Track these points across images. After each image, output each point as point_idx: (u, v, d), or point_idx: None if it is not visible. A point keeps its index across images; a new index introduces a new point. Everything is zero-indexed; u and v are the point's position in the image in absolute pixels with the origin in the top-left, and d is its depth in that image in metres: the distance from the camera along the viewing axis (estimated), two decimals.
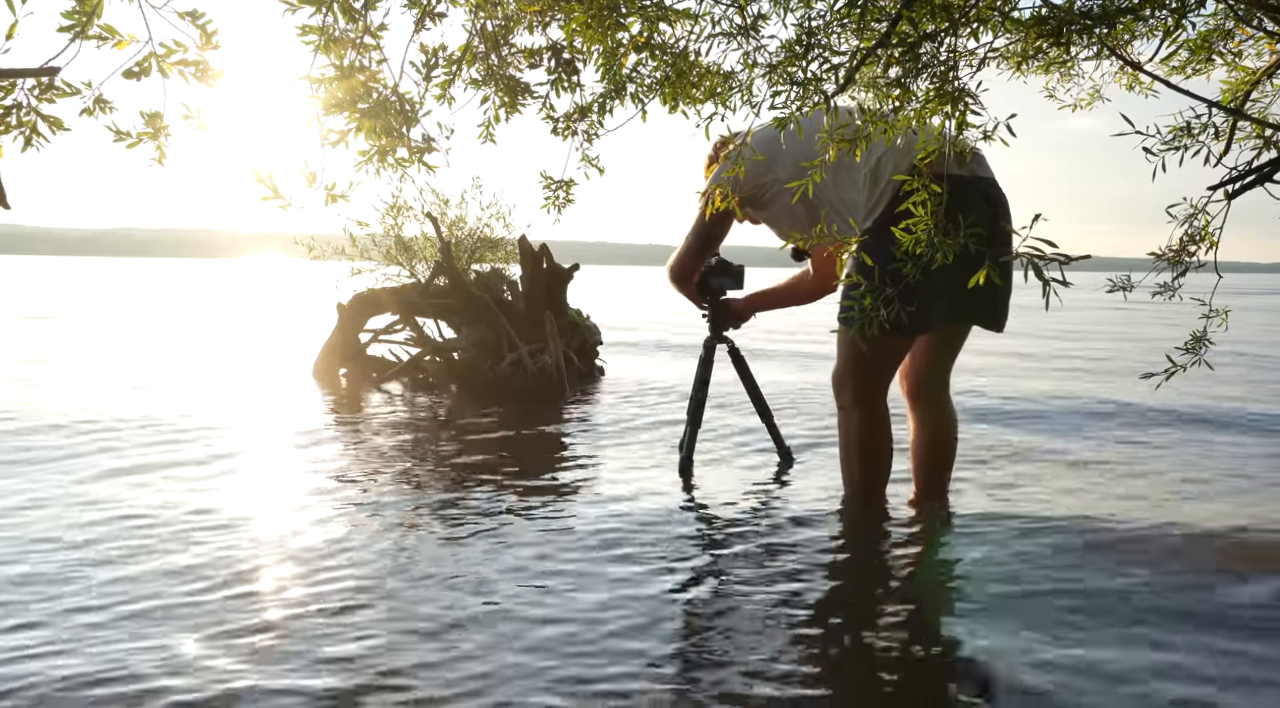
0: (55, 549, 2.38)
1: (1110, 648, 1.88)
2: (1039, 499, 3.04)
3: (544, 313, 5.74)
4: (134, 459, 3.44)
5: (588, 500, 2.99)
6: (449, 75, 1.76)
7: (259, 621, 1.95)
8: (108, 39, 1.38)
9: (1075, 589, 2.21)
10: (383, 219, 6.27)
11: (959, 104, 1.49)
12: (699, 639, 1.92)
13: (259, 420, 4.39)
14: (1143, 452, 3.84)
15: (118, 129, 1.48)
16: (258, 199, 1.48)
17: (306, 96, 1.57)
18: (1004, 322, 2.63)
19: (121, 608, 2.01)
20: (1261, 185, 1.74)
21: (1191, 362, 1.97)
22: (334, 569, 2.27)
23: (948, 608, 2.15)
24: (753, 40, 1.71)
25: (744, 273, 3.38)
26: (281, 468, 3.42)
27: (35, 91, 1.43)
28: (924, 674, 1.80)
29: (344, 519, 2.71)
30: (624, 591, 2.17)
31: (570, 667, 1.77)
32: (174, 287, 24.63)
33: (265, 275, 39.18)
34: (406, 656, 1.80)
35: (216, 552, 2.39)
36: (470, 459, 3.61)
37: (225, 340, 8.82)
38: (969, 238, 1.65)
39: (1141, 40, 1.85)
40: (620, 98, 1.86)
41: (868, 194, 2.50)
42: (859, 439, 2.70)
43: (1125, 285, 1.87)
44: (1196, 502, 3.03)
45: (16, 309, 13.02)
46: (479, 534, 2.60)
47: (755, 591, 2.20)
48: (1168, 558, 2.45)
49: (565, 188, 1.93)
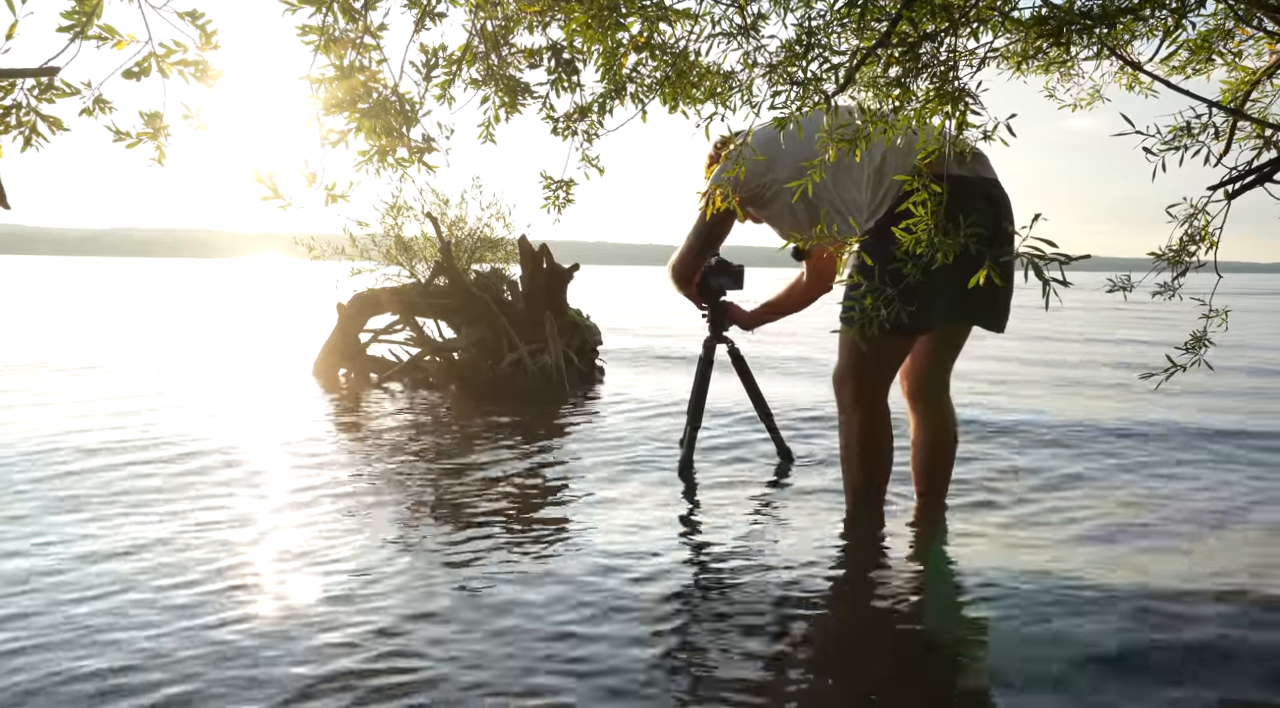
0: (53, 546, 2.39)
1: (1110, 646, 1.88)
2: (1035, 498, 3.04)
3: (544, 313, 5.74)
4: (134, 456, 3.44)
5: (587, 500, 2.99)
6: (449, 75, 1.76)
7: (257, 617, 1.96)
8: (107, 39, 1.38)
9: (1076, 585, 2.21)
10: (383, 219, 6.27)
11: (959, 104, 1.49)
12: (698, 637, 1.92)
13: (258, 420, 4.39)
14: (1126, 464, 3.85)
15: (117, 129, 1.48)
16: (258, 199, 1.48)
17: (306, 96, 1.57)
18: (1005, 322, 2.63)
19: (116, 598, 2.01)
20: (1261, 185, 1.74)
21: (1191, 362, 1.97)
22: (332, 570, 2.27)
23: (947, 607, 2.15)
24: (753, 40, 1.71)
25: (744, 273, 3.37)
26: (280, 468, 3.42)
27: (35, 91, 1.43)
28: (923, 674, 1.80)
29: (343, 519, 2.71)
30: (624, 589, 2.17)
31: (568, 661, 1.77)
32: (174, 287, 24.62)
33: (265, 275, 39.18)
34: (405, 650, 1.80)
35: (216, 551, 2.39)
36: (470, 460, 3.61)
37: (225, 340, 8.82)
38: (969, 238, 1.65)
39: (1141, 40, 1.86)
40: (620, 98, 1.86)
41: (870, 195, 2.50)
42: (860, 439, 2.70)
43: (1125, 285, 1.87)
44: (1183, 501, 3.03)
45: (15, 309, 13.03)
46: (479, 534, 2.60)
47: (755, 589, 2.20)
48: (1168, 550, 2.45)
49: (565, 188, 1.93)
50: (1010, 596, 2.17)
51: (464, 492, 3.08)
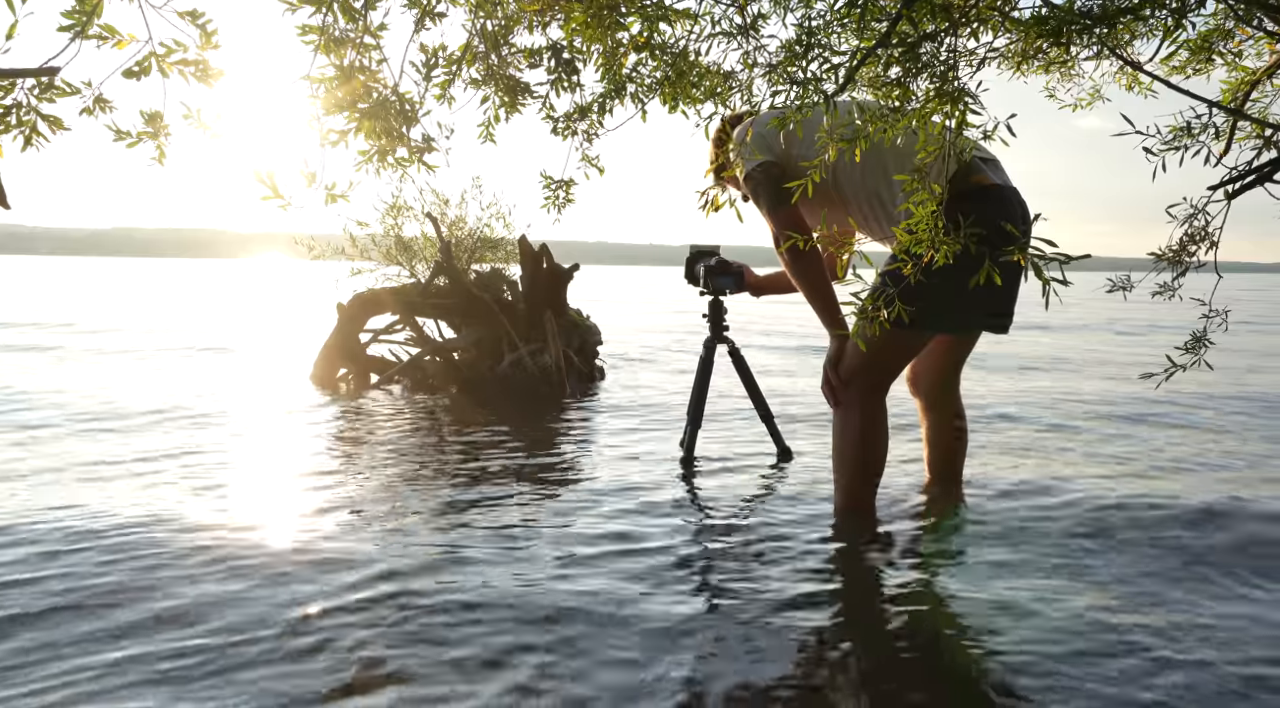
0: (56, 544, 2.39)
1: (1111, 646, 1.88)
2: (1045, 483, 3.04)
3: (544, 313, 5.74)
4: (131, 456, 3.44)
5: (587, 500, 2.99)
6: (449, 75, 1.76)
7: (257, 615, 1.96)
8: (108, 39, 1.38)
9: (1077, 572, 2.21)
10: (383, 219, 6.27)
11: (959, 104, 1.49)
12: (697, 634, 1.92)
13: (258, 420, 4.39)
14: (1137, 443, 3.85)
15: (118, 129, 1.48)
16: (258, 199, 1.48)
17: (306, 96, 1.57)
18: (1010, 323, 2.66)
19: (114, 616, 2.01)
20: (1261, 185, 1.74)
21: (1192, 362, 1.97)
22: (332, 567, 2.27)
23: (946, 607, 2.15)
24: (753, 40, 1.71)
25: (745, 273, 3.38)
26: (279, 468, 3.42)
27: (35, 91, 1.43)
28: (923, 672, 1.80)
29: (342, 518, 2.71)
30: (623, 587, 2.17)
31: (567, 660, 1.77)
32: (175, 287, 24.62)
33: (266, 275, 39.18)
34: (405, 649, 1.81)
35: (215, 549, 2.39)
36: (469, 459, 3.61)
37: (225, 340, 8.82)
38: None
39: (1141, 40, 1.86)
40: (620, 98, 1.86)
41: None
42: (860, 437, 2.69)
43: (1125, 285, 1.87)
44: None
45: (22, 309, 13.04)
46: (478, 534, 2.60)
47: (754, 587, 2.20)
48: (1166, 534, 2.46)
49: (565, 188, 1.94)
50: (1009, 590, 2.17)
51: (464, 492, 3.08)
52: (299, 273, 38.92)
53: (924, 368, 2.87)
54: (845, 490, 2.78)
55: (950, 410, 2.92)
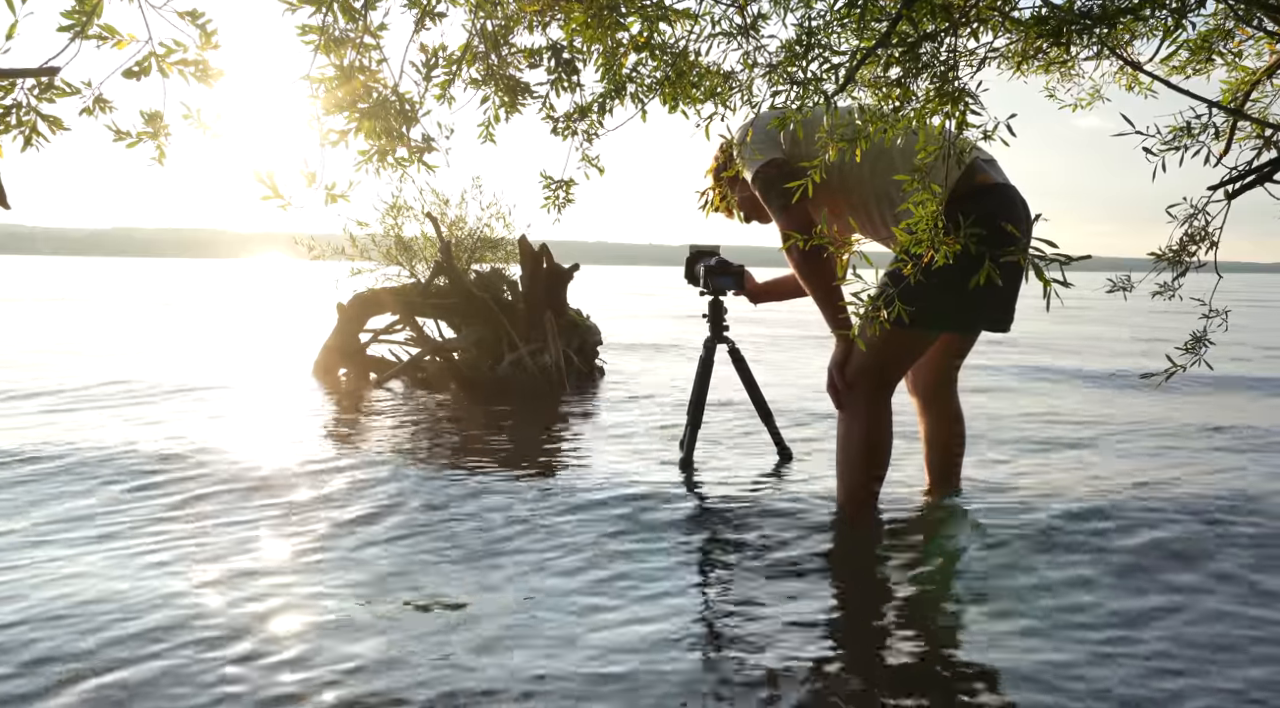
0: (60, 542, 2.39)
1: (1106, 644, 1.88)
2: (1039, 489, 3.04)
3: (544, 313, 5.74)
4: (132, 450, 3.44)
5: (588, 500, 2.99)
6: (449, 75, 1.76)
7: (256, 615, 1.96)
8: (107, 39, 1.38)
9: (1076, 581, 2.21)
10: (383, 219, 6.27)
11: (959, 104, 1.49)
12: (695, 635, 1.92)
13: (258, 420, 4.39)
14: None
15: (118, 129, 1.48)
16: (258, 199, 1.48)
17: (306, 96, 1.57)
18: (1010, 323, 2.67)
19: (106, 633, 2.01)
20: (1261, 185, 1.74)
21: (1192, 362, 1.97)
22: (330, 567, 2.28)
23: (946, 606, 2.15)
24: (753, 40, 1.71)
25: (744, 273, 3.38)
26: (279, 468, 3.42)
27: (35, 91, 1.43)
28: (922, 672, 1.80)
29: (341, 518, 2.71)
30: (622, 586, 2.17)
31: (567, 659, 1.77)
32: (175, 286, 24.61)
33: (267, 275, 39.17)
34: (403, 651, 1.81)
35: (213, 548, 2.39)
36: (470, 460, 3.61)
37: (225, 340, 8.81)
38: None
39: (1141, 40, 1.86)
40: (620, 98, 1.86)
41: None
42: (864, 439, 2.69)
43: (1125, 285, 1.87)
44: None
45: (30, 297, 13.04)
46: (477, 534, 2.60)
47: (753, 587, 2.20)
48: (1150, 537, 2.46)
49: (565, 188, 1.94)
50: (1007, 588, 2.17)
51: (463, 492, 3.08)
52: (299, 273, 38.90)
53: (922, 367, 2.86)
54: (848, 490, 2.77)
55: (948, 409, 2.91)
